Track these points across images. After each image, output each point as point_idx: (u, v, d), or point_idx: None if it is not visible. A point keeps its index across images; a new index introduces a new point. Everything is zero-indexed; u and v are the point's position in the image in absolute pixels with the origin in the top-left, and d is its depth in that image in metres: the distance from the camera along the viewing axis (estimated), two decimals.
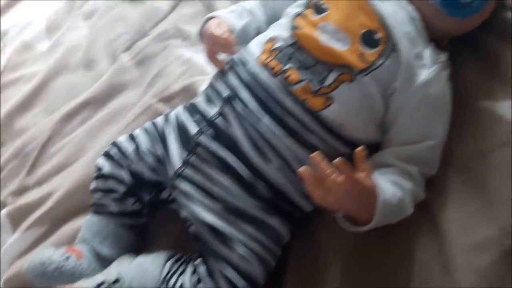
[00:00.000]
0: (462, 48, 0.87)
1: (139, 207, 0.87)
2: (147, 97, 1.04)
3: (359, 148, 0.68)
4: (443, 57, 0.78)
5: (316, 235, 0.82)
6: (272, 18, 0.88)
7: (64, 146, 1.10)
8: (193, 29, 1.11)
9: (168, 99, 1.02)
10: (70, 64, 1.24)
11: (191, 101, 0.86)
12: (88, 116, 1.12)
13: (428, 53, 0.76)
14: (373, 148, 0.78)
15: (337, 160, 0.65)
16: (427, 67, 0.75)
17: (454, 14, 0.76)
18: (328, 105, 0.74)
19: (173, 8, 1.18)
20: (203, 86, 0.92)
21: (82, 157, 1.05)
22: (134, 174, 0.84)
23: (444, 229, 0.73)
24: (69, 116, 1.14)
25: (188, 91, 1.01)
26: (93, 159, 0.95)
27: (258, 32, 0.89)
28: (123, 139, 0.87)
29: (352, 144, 0.78)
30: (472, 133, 0.79)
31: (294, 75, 0.75)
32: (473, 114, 0.80)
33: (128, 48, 1.16)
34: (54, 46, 1.32)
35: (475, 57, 0.86)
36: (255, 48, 0.81)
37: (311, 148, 0.75)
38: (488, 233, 0.70)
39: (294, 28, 0.78)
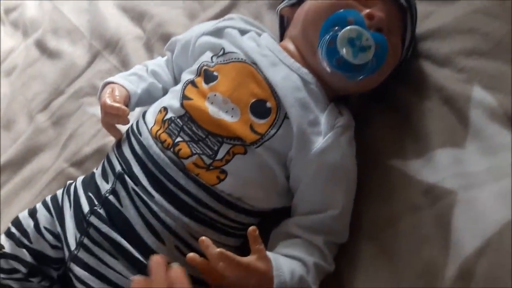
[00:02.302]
0: (377, 99, 0.83)
1: (48, 284, 0.80)
2: (60, 160, 1.00)
3: (251, 228, 0.64)
4: (341, 120, 0.72)
5: None
6: (179, 76, 0.83)
7: None
8: None
9: (79, 164, 0.98)
10: None
11: (92, 171, 0.81)
12: (7, 179, 1.06)
13: (324, 119, 0.71)
14: None
15: (218, 252, 0.61)
16: (323, 134, 0.70)
17: (350, 77, 0.70)
18: (223, 179, 0.70)
19: (90, 63, 1.13)
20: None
21: None
22: (35, 253, 0.78)
23: None
24: None
25: (100, 153, 0.97)
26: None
27: (165, 91, 0.85)
28: (24, 215, 0.81)
29: (257, 213, 0.74)
30: (382, 197, 0.74)
31: (185, 148, 0.70)
32: (384, 174, 0.76)
33: (44, 108, 1.11)
34: None
35: (388, 110, 0.82)
36: (150, 117, 0.76)
37: (210, 225, 0.71)
38: None
39: (184, 97, 0.73)
